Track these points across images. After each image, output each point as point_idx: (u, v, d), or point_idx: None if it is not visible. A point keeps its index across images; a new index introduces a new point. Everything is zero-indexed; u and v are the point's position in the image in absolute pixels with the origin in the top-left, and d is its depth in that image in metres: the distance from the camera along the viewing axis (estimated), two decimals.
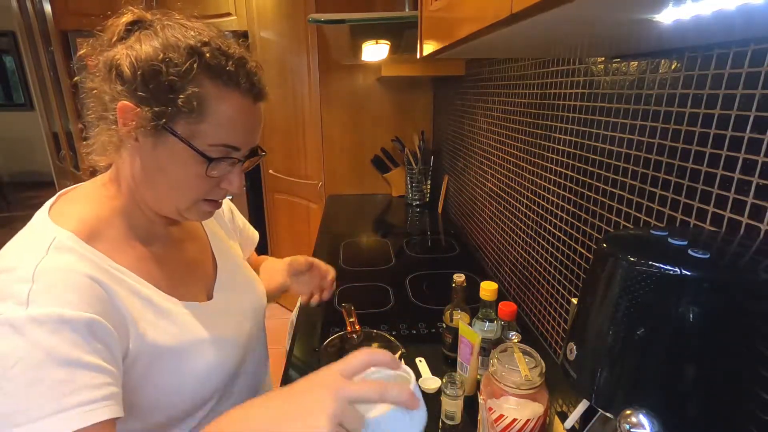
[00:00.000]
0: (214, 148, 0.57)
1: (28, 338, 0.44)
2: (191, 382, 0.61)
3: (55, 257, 0.51)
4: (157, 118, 0.54)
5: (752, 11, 0.36)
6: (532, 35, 0.54)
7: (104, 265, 0.55)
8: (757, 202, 0.50)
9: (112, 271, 0.55)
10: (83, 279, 0.51)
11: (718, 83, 0.54)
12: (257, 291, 0.80)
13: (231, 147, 0.58)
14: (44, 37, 2.64)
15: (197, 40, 0.55)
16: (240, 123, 0.58)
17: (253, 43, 2.41)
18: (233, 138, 0.58)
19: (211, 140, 0.56)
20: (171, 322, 0.60)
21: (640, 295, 0.41)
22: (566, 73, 0.92)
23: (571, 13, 0.37)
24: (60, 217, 0.56)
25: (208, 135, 0.56)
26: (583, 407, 0.54)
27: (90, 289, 0.51)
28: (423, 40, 0.82)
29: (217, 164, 0.58)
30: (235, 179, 0.61)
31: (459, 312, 0.90)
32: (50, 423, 0.43)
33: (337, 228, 1.90)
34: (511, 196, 1.26)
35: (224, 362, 0.65)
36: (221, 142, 0.57)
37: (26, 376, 0.43)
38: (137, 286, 0.58)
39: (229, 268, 0.75)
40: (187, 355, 0.60)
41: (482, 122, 1.53)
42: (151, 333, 0.57)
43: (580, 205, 0.87)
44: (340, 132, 2.32)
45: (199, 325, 0.64)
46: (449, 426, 0.76)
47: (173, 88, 0.53)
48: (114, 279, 0.55)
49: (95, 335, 0.48)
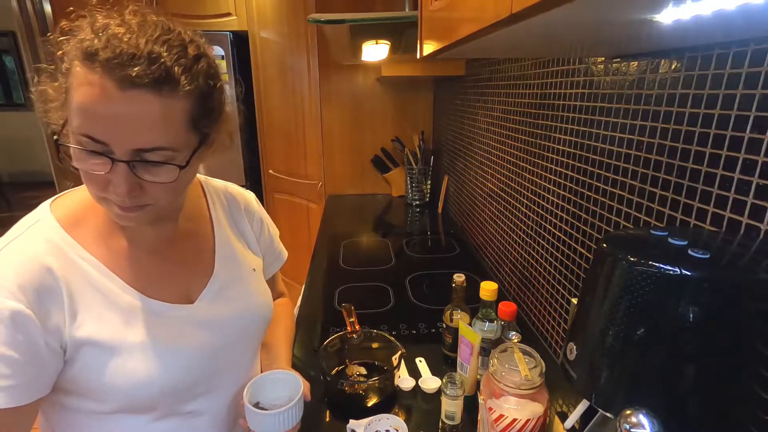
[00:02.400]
0: (77, 137, 0.50)
1: None
2: (126, 384, 0.57)
3: (25, 240, 0.54)
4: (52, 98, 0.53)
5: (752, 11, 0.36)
6: (532, 35, 0.54)
7: (71, 254, 0.56)
8: (757, 202, 0.50)
9: (77, 261, 0.56)
10: (36, 267, 0.53)
11: (718, 83, 0.54)
12: (252, 307, 0.74)
13: (86, 136, 0.49)
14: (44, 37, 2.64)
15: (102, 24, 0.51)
16: (94, 111, 0.48)
17: (253, 43, 2.41)
18: (87, 126, 0.49)
19: (73, 127, 0.50)
20: (119, 317, 0.58)
21: (640, 295, 0.41)
22: (566, 73, 0.92)
23: (571, 13, 0.37)
24: (55, 205, 0.59)
25: (72, 121, 0.50)
26: (583, 407, 0.54)
27: (37, 279, 0.52)
28: (423, 40, 0.82)
29: (79, 154, 0.51)
30: (117, 181, 0.51)
31: (459, 312, 0.90)
32: None
33: (337, 228, 1.90)
34: (511, 196, 1.26)
35: (172, 371, 0.60)
36: (77, 130, 0.50)
37: None
38: (97, 277, 0.58)
39: (226, 276, 0.71)
40: (125, 354, 0.57)
41: (482, 122, 1.53)
42: (91, 326, 0.56)
43: (580, 205, 0.87)
44: (340, 132, 2.32)
45: (157, 327, 0.60)
46: (449, 426, 0.76)
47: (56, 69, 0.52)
48: (72, 268, 0.56)
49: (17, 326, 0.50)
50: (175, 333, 0.62)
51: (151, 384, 0.59)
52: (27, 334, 0.51)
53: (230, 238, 0.75)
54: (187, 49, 0.52)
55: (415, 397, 0.86)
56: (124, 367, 0.57)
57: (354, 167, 2.39)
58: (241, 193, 0.82)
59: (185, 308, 0.64)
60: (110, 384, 0.57)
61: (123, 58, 0.47)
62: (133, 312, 0.59)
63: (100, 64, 0.47)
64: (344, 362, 0.92)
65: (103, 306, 0.57)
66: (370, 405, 0.82)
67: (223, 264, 0.71)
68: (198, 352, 0.64)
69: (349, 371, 0.90)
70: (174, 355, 0.61)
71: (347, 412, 0.76)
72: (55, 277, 0.54)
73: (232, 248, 0.74)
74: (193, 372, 0.63)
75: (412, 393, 0.86)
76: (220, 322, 0.67)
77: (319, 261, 1.54)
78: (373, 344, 0.93)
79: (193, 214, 0.72)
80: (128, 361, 0.57)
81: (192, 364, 0.63)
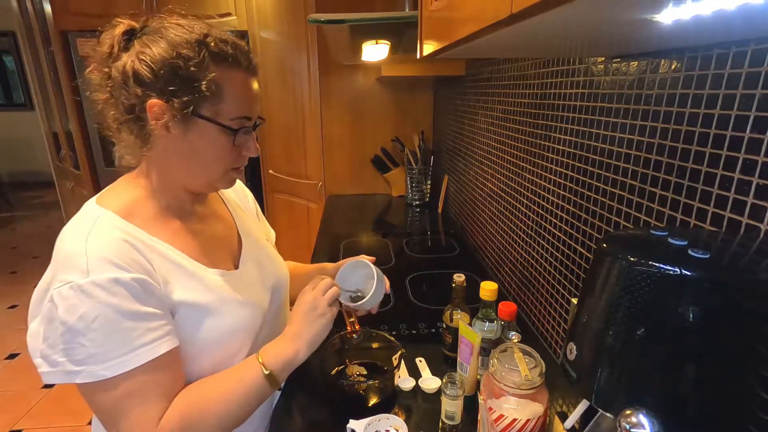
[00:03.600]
0: (234, 121, 0.67)
1: (97, 299, 0.57)
2: (217, 337, 0.70)
3: (100, 232, 0.62)
4: (186, 107, 0.63)
5: (752, 11, 0.36)
6: (532, 35, 0.54)
7: (139, 236, 0.65)
8: (757, 202, 0.50)
9: (146, 241, 0.66)
10: (125, 246, 0.62)
11: (718, 83, 0.54)
12: (278, 268, 0.88)
13: (245, 117, 0.68)
14: (44, 37, 2.64)
15: (200, 34, 0.64)
16: (248, 96, 0.68)
17: (253, 43, 2.41)
18: (246, 109, 0.68)
19: (231, 115, 0.66)
20: (199, 284, 0.69)
21: (640, 295, 0.41)
22: (566, 73, 0.92)
23: (571, 13, 0.37)
24: (103, 202, 0.67)
25: (228, 111, 0.66)
26: (583, 407, 0.54)
27: (131, 255, 0.62)
28: (423, 40, 0.82)
29: (239, 135, 0.68)
30: (252, 144, 0.71)
31: (459, 312, 0.90)
32: (126, 359, 0.59)
33: (337, 228, 1.90)
34: (511, 196, 1.26)
35: (245, 323, 0.74)
36: (239, 114, 0.67)
37: (105, 328, 0.57)
38: (168, 252, 0.68)
39: (252, 244, 0.84)
40: (213, 312, 0.69)
41: (482, 122, 1.53)
42: (179, 292, 0.66)
43: (580, 205, 0.88)
44: (340, 132, 2.32)
45: (225, 289, 0.72)
46: (449, 426, 0.76)
47: (193, 78, 0.62)
48: (147, 247, 0.65)
49: (145, 290, 0.61)
50: (237, 292, 0.74)
51: (233, 335, 0.72)
52: (153, 294, 0.62)
53: (242, 214, 0.89)
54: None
55: (415, 397, 0.86)
56: (213, 323, 0.69)
57: (354, 167, 2.39)
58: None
59: (234, 273, 0.77)
60: (203, 339, 0.68)
61: (243, 52, 0.67)
62: (203, 279, 0.70)
63: (236, 61, 0.66)
64: (344, 362, 0.92)
65: (180, 275, 0.68)
66: (370, 405, 0.82)
67: (245, 234, 0.85)
68: (257, 307, 0.77)
69: (349, 371, 0.90)
70: (242, 310, 0.73)
71: (347, 412, 0.76)
72: (141, 252, 0.64)
73: (246, 222, 0.88)
74: (257, 321, 0.77)
75: (412, 393, 0.86)
76: (257, 282, 0.81)
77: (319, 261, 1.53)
78: (373, 344, 0.93)
79: (212, 197, 0.84)
80: (215, 318, 0.69)
81: (256, 316, 0.77)
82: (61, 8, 2.38)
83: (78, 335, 0.57)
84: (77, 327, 0.56)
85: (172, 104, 0.62)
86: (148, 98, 0.62)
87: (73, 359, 0.57)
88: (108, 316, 0.58)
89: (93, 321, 0.57)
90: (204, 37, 0.64)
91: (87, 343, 0.57)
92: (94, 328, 0.57)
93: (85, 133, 2.62)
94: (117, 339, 0.58)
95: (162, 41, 0.62)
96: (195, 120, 0.64)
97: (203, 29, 0.65)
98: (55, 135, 3.06)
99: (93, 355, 0.57)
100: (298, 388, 0.87)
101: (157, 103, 0.62)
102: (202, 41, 0.63)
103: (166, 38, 0.62)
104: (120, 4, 2.30)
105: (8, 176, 6.15)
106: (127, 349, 0.59)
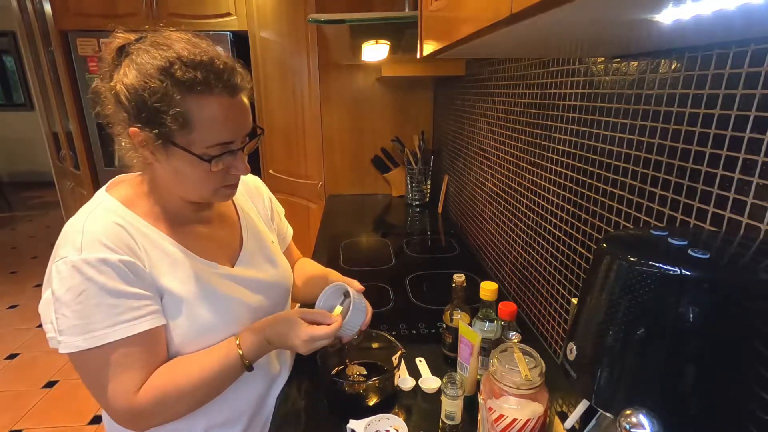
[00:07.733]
0: (212, 148, 0.66)
1: (85, 275, 0.61)
2: (196, 329, 0.71)
3: (99, 215, 0.67)
4: (158, 138, 0.64)
5: (752, 11, 0.36)
6: (532, 35, 0.54)
7: (136, 223, 0.69)
8: (757, 202, 0.50)
9: (142, 228, 0.69)
10: (119, 230, 0.66)
11: (718, 83, 0.54)
12: (279, 271, 0.89)
13: (225, 143, 0.67)
14: (44, 37, 2.64)
15: (165, 60, 0.62)
16: (224, 121, 0.66)
17: (253, 43, 2.41)
18: (224, 135, 0.66)
19: (206, 143, 0.65)
20: (184, 274, 0.71)
21: (640, 295, 0.41)
22: (566, 73, 0.92)
23: (571, 13, 0.37)
24: (111, 190, 0.73)
25: (202, 140, 0.65)
26: (583, 407, 0.54)
27: (123, 238, 0.66)
28: (423, 40, 0.82)
29: (219, 160, 0.67)
30: (240, 165, 0.71)
31: (459, 312, 0.90)
32: (108, 332, 0.62)
33: (337, 228, 1.90)
34: (511, 196, 1.26)
35: (227, 319, 0.75)
36: (215, 142, 0.66)
37: (90, 302, 0.62)
38: (160, 241, 0.71)
39: (253, 246, 0.86)
40: (194, 303, 0.71)
41: (482, 122, 1.53)
42: (166, 277, 0.69)
43: (580, 205, 0.88)
44: (340, 132, 2.32)
45: (212, 282, 0.74)
46: (449, 426, 0.76)
47: (159, 111, 0.62)
48: (140, 233, 0.69)
49: (132, 271, 0.65)
50: (226, 288, 0.76)
51: (214, 329, 0.73)
52: (140, 276, 0.66)
53: (251, 216, 0.90)
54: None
55: (415, 397, 0.86)
56: (194, 314, 0.71)
57: (354, 167, 2.39)
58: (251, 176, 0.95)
59: (226, 269, 0.78)
60: (183, 329, 0.70)
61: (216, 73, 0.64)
62: (193, 269, 0.72)
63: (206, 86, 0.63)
64: (344, 362, 0.92)
65: (169, 263, 0.70)
66: (370, 405, 0.82)
67: (249, 236, 0.86)
68: (244, 305, 0.78)
69: (349, 371, 0.90)
70: (227, 306, 0.75)
71: (347, 412, 0.76)
72: (133, 237, 0.67)
73: (254, 225, 0.89)
74: (243, 322, 0.77)
75: (412, 393, 0.86)
76: (256, 282, 0.82)
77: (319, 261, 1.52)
78: (373, 344, 0.93)
79: None
80: (197, 309, 0.71)
81: (242, 315, 0.77)
82: (61, 8, 2.38)
83: (63, 306, 0.61)
84: (64, 299, 0.61)
85: (147, 133, 0.64)
86: (129, 125, 0.65)
87: (57, 328, 0.62)
88: (93, 292, 0.62)
89: (79, 295, 0.61)
90: (169, 64, 0.62)
91: (70, 314, 0.61)
92: (78, 301, 0.61)
93: (85, 133, 2.61)
94: (99, 314, 0.62)
95: (134, 67, 0.63)
96: (172, 147, 0.65)
97: (172, 52, 0.63)
98: (55, 135, 3.06)
99: (75, 326, 0.61)
100: (298, 388, 0.87)
101: (135, 131, 0.64)
102: (165, 69, 0.62)
103: (137, 64, 0.63)
104: (120, 4, 2.31)
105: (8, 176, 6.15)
106: (106, 324, 0.62)
